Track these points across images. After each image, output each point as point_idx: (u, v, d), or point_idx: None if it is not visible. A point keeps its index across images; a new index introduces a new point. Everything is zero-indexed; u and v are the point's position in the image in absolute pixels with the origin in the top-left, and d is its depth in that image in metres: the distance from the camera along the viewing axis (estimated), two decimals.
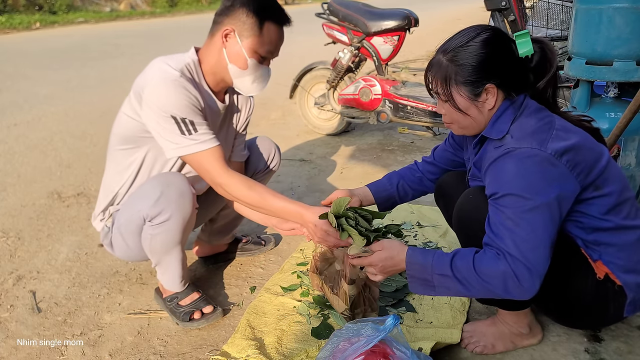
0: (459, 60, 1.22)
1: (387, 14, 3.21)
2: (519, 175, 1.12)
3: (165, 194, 1.44)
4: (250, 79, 1.52)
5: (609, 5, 1.79)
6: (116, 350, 1.52)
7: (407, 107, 3.17)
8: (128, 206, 1.54)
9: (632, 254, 1.24)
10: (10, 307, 1.76)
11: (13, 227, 2.38)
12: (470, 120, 1.28)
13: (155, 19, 15.29)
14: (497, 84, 1.22)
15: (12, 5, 13.92)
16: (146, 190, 1.48)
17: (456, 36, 1.25)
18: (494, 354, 1.41)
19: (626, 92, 1.98)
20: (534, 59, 1.25)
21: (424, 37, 8.14)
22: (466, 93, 1.23)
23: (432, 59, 1.29)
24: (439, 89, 1.27)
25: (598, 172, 1.19)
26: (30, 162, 3.30)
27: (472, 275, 1.13)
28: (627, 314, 1.28)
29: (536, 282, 1.10)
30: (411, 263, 1.21)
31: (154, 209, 1.44)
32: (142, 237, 1.53)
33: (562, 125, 1.20)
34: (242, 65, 1.48)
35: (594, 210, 1.21)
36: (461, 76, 1.22)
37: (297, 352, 1.43)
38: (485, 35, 1.21)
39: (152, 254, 1.56)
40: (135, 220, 1.50)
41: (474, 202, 1.31)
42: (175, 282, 1.63)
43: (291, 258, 1.97)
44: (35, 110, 4.61)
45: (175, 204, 1.45)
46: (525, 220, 1.11)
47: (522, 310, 1.37)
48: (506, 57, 1.23)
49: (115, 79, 6.04)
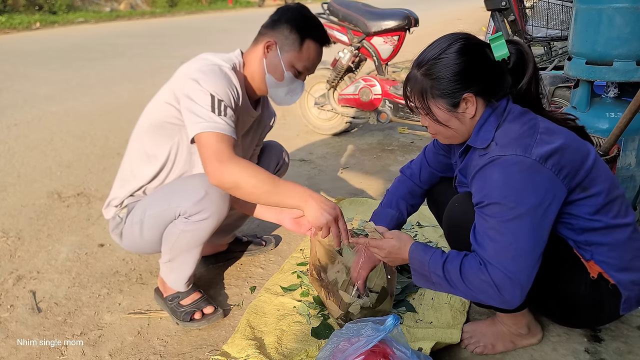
0: (433, 73, 1.21)
1: (387, 14, 3.21)
2: (503, 184, 1.12)
3: (210, 195, 1.47)
4: (284, 90, 1.60)
5: (609, 5, 1.79)
6: (116, 350, 1.52)
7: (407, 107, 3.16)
8: (161, 200, 1.54)
9: (624, 252, 1.24)
10: (10, 307, 1.76)
11: (13, 227, 2.38)
12: (452, 132, 1.27)
13: (155, 19, 15.28)
14: (474, 92, 1.21)
15: (12, 5, 13.91)
16: (188, 188, 1.49)
17: (429, 49, 1.24)
18: (494, 354, 1.41)
19: (626, 92, 1.98)
20: (511, 60, 1.24)
21: (424, 37, 8.14)
22: (444, 105, 1.23)
23: (408, 73, 1.29)
24: (417, 103, 1.27)
25: (585, 173, 1.18)
26: (30, 162, 3.31)
27: (459, 280, 1.15)
28: (622, 312, 1.29)
29: (517, 292, 1.09)
30: (412, 258, 1.25)
31: (196, 207, 1.46)
32: (169, 231, 1.53)
33: (546, 127, 1.19)
34: (279, 77, 1.57)
35: (582, 212, 1.21)
36: (437, 89, 1.21)
37: (297, 352, 1.43)
38: (457, 45, 1.20)
39: (171, 250, 1.56)
40: (167, 215, 1.51)
41: (461, 209, 1.32)
42: (181, 281, 1.63)
43: (291, 258, 1.97)
44: (35, 110, 4.61)
45: (216, 205, 1.48)
46: (508, 229, 1.10)
47: (519, 312, 1.37)
48: (481, 64, 1.21)
49: (115, 79, 6.04)
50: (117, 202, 1.64)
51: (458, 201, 1.35)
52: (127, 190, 1.62)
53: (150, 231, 1.56)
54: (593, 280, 1.25)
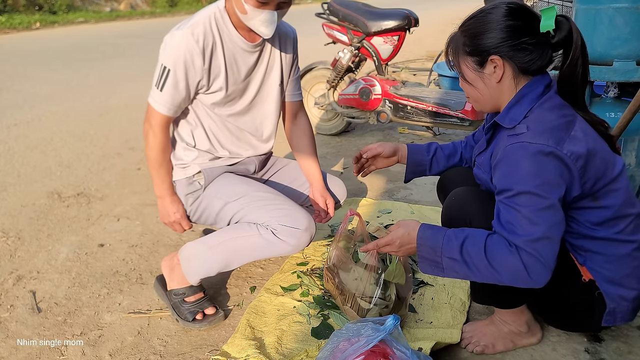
0: (467, 30, 1.22)
1: (387, 14, 3.21)
2: (534, 174, 1.10)
3: (306, 233, 1.53)
4: (254, 23, 1.48)
5: (609, 5, 1.79)
6: (116, 350, 1.52)
7: (407, 107, 3.17)
8: (263, 200, 1.57)
9: (620, 267, 1.22)
10: (10, 307, 1.76)
11: (13, 227, 2.38)
12: (478, 94, 1.26)
13: (155, 19, 15.28)
14: (502, 55, 1.18)
15: (12, 5, 13.91)
16: (294, 215, 1.53)
17: (477, 10, 1.24)
18: (494, 353, 1.41)
19: (626, 92, 1.98)
20: (556, 35, 1.17)
21: (424, 37, 8.14)
22: (471, 64, 1.23)
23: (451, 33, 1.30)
24: (452, 59, 1.27)
25: (602, 184, 1.16)
26: (30, 162, 3.31)
27: (482, 261, 1.11)
28: (604, 324, 1.27)
29: (546, 273, 1.09)
30: (421, 245, 1.21)
31: (289, 232, 1.51)
32: (243, 225, 1.55)
33: (581, 128, 1.16)
34: (242, 11, 1.47)
35: (585, 219, 1.20)
36: (467, 46, 1.21)
37: (297, 352, 1.43)
38: (501, 7, 1.18)
39: (226, 241, 1.56)
40: (258, 216, 1.54)
41: (458, 203, 1.32)
42: (201, 274, 1.60)
43: (291, 258, 1.97)
44: (35, 110, 4.61)
45: (302, 244, 1.53)
46: (542, 217, 1.09)
47: (518, 308, 1.37)
48: (514, 29, 1.17)
49: (115, 79, 6.03)
50: (183, 163, 1.68)
51: (456, 195, 1.35)
52: (193, 156, 1.68)
53: (233, 214, 1.58)
54: (585, 284, 1.25)
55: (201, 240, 1.61)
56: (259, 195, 1.59)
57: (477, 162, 1.38)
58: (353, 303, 1.49)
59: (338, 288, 1.56)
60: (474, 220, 1.25)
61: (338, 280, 1.55)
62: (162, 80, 1.51)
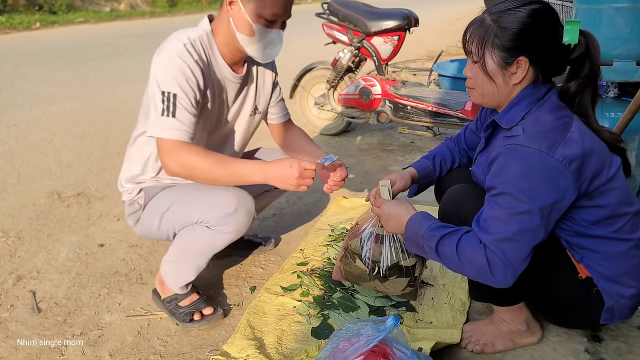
0: (502, 22, 1.17)
1: (387, 14, 3.21)
2: (521, 177, 1.11)
3: (239, 213, 1.47)
4: (260, 46, 1.45)
5: (609, 5, 1.79)
6: (116, 350, 1.52)
7: (407, 107, 3.17)
8: (188, 202, 1.52)
9: (617, 265, 1.22)
10: (10, 307, 1.76)
11: (13, 227, 2.38)
12: (493, 89, 1.23)
13: (155, 19, 15.28)
14: (531, 59, 1.18)
15: (12, 5, 13.90)
16: (220, 200, 1.48)
17: (508, 0, 1.20)
18: (494, 352, 1.41)
19: (626, 92, 1.98)
20: (575, 51, 1.18)
21: (424, 37, 8.14)
22: (498, 59, 1.19)
23: (476, 17, 1.25)
24: (474, 47, 1.23)
25: (599, 184, 1.16)
26: (30, 162, 3.31)
27: (453, 254, 1.16)
28: (603, 322, 1.27)
29: (509, 277, 1.12)
30: (409, 227, 1.29)
31: (222, 220, 1.47)
32: (185, 231, 1.54)
33: (578, 129, 1.15)
34: (249, 33, 1.42)
35: (581, 218, 1.20)
36: (499, 39, 1.18)
37: (297, 352, 1.43)
38: (536, 6, 1.16)
39: (180, 251, 1.56)
40: (190, 217, 1.51)
41: (454, 201, 1.35)
42: (180, 284, 1.62)
43: (291, 258, 1.97)
44: (35, 110, 4.61)
45: (241, 224, 1.50)
46: (514, 221, 1.10)
47: (516, 306, 1.37)
48: (548, 36, 1.16)
49: (115, 79, 6.03)
50: (127, 190, 1.62)
51: (452, 192, 1.37)
52: (135, 171, 1.61)
53: (170, 226, 1.56)
54: (581, 281, 1.25)
55: (165, 259, 1.62)
56: (185, 197, 1.54)
57: (478, 161, 1.39)
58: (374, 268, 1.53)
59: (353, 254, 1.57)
60: (469, 217, 1.26)
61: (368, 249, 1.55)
62: (167, 104, 1.38)
